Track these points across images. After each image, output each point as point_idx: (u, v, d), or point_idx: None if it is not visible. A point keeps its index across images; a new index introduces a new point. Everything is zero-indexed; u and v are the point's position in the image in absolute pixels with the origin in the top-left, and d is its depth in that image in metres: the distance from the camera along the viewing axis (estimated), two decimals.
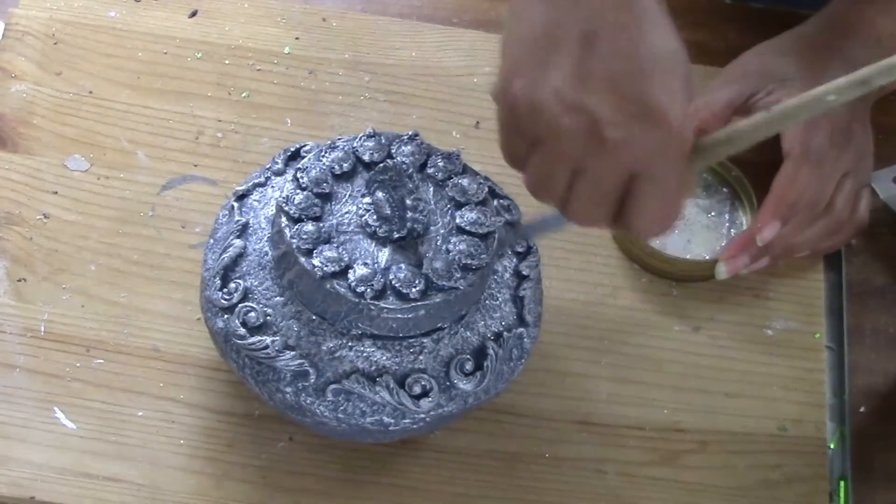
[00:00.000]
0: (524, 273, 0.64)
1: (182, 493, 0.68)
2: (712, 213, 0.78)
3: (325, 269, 0.58)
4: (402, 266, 0.59)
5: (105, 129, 0.79)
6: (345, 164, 0.62)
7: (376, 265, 0.59)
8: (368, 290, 0.57)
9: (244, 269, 0.62)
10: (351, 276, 0.58)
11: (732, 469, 0.72)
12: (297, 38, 0.84)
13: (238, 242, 0.62)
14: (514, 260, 0.64)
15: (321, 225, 0.59)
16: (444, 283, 0.58)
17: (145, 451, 0.69)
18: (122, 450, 0.69)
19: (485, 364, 0.60)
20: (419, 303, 0.58)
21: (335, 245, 0.59)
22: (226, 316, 0.61)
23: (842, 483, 0.72)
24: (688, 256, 0.76)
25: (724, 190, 0.79)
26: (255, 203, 0.64)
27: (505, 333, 0.62)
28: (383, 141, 0.63)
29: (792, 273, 0.78)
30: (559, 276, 0.76)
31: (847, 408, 0.74)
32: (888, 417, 0.74)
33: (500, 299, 0.62)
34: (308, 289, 0.59)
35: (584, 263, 0.77)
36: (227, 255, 0.62)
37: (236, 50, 0.83)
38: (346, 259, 0.58)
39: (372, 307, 0.58)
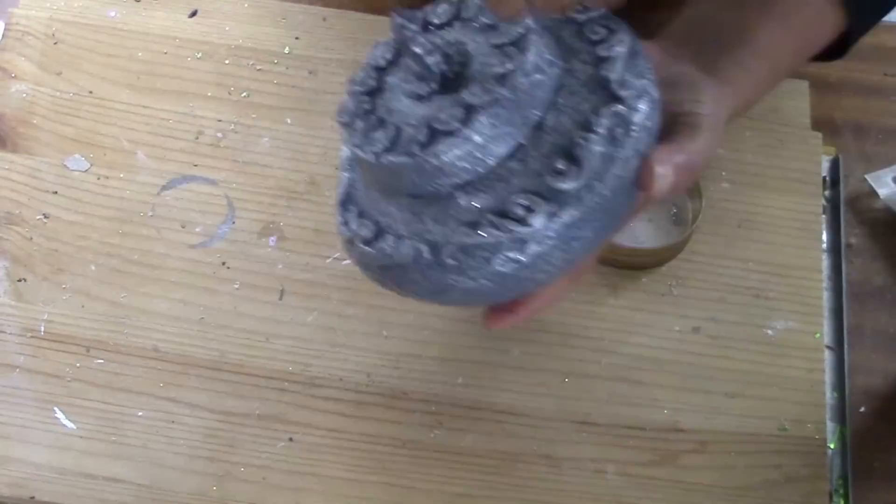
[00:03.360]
0: (603, 55, 0.58)
1: (182, 493, 0.68)
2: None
3: (374, 150, 0.57)
4: (443, 105, 0.57)
5: (105, 129, 0.79)
6: (388, 55, 0.61)
7: (424, 120, 0.57)
8: (415, 145, 0.56)
9: (357, 196, 0.62)
10: (399, 143, 0.57)
11: (732, 469, 0.72)
12: (297, 38, 0.84)
13: (346, 175, 0.63)
14: (592, 49, 0.59)
15: (372, 117, 0.59)
16: (480, 99, 0.56)
17: (145, 451, 0.69)
18: (122, 450, 0.69)
19: (577, 153, 0.55)
20: (465, 130, 0.55)
21: (388, 124, 0.58)
22: (352, 245, 0.60)
23: (842, 483, 0.72)
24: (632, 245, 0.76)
25: None
26: None
27: (592, 118, 0.56)
28: (419, 15, 0.61)
29: (792, 273, 0.78)
30: None
31: (847, 408, 0.74)
32: (888, 417, 0.74)
33: (581, 93, 0.58)
34: (382, 178, 0.58)
35: None
36: (340, 189, 0.62)
37: (236, 50, 0.83)
38: (392, 133, 0.57)
39: (430, 158, 0.56)
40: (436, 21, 0.60)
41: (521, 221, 0.55)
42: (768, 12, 0.66)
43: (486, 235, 0.56)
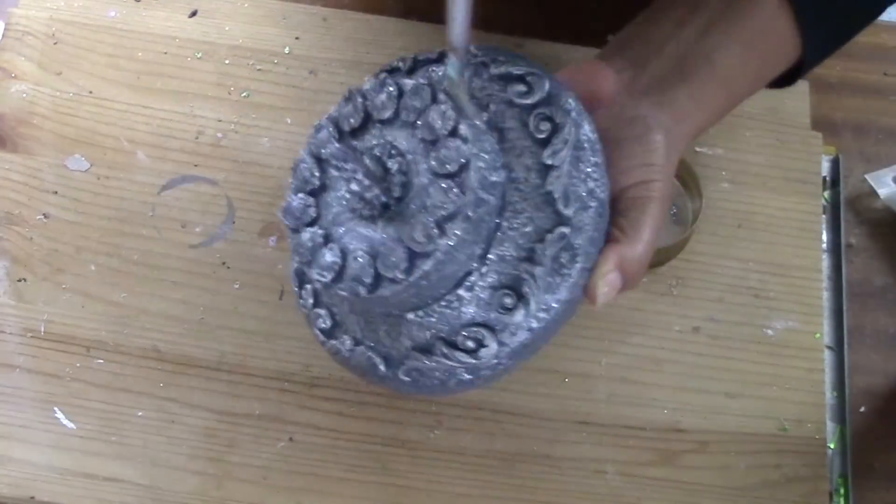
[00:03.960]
0: (549, 163, 0.55)
1: (182, 493, 0.68)
2: None
3: (322, 280, 0.55)
4: (388, 243, 0.54)
5: (105, 129, 0.79)
6: (329, 144, 0.57)
7: (370, 252, 0.55)
8: (362, 288, 0.54)
9: None
10: (345, 276, 0.55)
11: (732, 469, 0.72)
12: (297, 38, 0.84)
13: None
14: (538, 150, 0.56)
15: (316, 229, 0.56)
16: (425, 248, 0.53)
17: (145, 451, 0.69)
18: (122, 450, 0.69)
19: (523, 290, 0.54)
20: (411, 279, 0.53)
21: (333, 243, 0.56)
22: (310, 323, 0.61)
23: (842, 483, 0.72)
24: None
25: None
26: None
27: (537, 246, 0.55)
28: (359, 101, 0.56)
29: (792, 273, 0.78)
30: None
31: (847, 408, 0.74)
32: (888, 417, 0.74)
33: (526, 212, 0.55)
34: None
35: None
36: (295, 259, 0.61)
37: (236, 50, 0.83)
38: (339, 259, 0.55)
39: (377, 298, 0.55)
40: (377, 116, 0.56)
41: (473, 353, 0.56)
42: (734, 38, 0.64)
43: (438, 364, 0.56)
